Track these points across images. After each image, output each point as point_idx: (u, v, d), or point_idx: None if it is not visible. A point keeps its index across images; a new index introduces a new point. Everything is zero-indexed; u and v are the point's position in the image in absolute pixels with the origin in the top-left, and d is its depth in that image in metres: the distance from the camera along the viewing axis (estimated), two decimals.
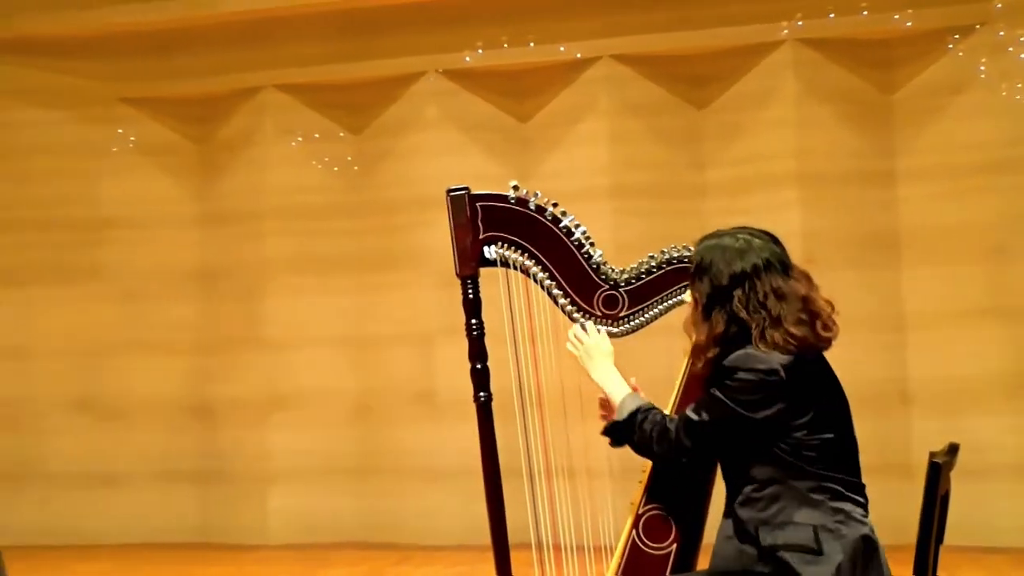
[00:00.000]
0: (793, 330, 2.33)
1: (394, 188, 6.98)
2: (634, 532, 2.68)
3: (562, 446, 2.82)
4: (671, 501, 2.68)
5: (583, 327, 2.69)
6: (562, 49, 6.85)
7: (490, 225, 2.80)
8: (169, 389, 7.17)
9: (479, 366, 2.82)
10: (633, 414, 2.51)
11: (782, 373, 2.30)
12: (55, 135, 7.26)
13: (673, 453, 2.43)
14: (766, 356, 2.32)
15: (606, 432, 2.58)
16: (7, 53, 7.25)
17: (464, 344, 6.34)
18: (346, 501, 6.93)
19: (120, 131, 7.34)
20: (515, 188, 2.80)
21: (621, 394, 2.57)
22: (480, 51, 6.94)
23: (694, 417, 2.39)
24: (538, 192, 2.80)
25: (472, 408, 6.69)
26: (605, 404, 2.69)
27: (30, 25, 7.21)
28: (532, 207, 2.78)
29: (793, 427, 2.31)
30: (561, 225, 2.77)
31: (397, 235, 6.93)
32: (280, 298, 7.06)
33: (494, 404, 2.81)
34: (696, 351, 2.46)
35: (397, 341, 6.91)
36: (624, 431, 2.52)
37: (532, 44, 6.88)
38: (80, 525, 7.06)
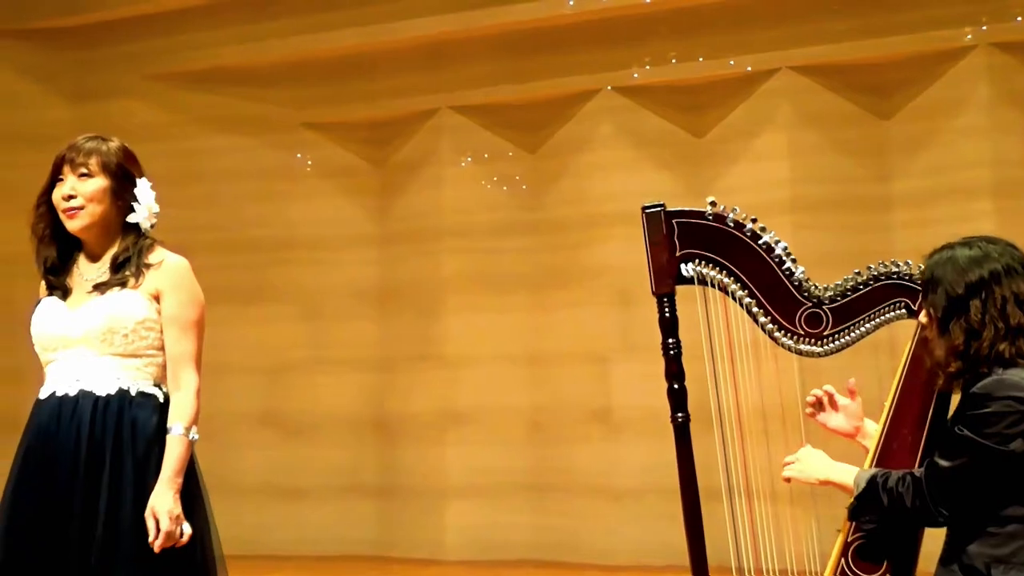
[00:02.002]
0: None
1: (569, 206, 6.99)
2: (842, 560, 2.56)
3: (763, 467, 2.74)
4: (882, 528, 2.56)
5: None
6: (732, 63, 6.74)
7: (687, 242, 2.74)
8: (350, 405, 7.35)
9: (676, 386, 2.76)
10: (872, 478, 2.40)
11: None
12: (242, 160, 7.56)
13: (929, 506, 2.29)
14: (1019, 381, 2.18)
15: (853, 512, 2.47)
16: (199, 83, 7.61)
17: (640, 362, 6.27)
18: (522, 518, 6.94)
19: (303, 155, 7.60)
20: (712, 204, 2.74)
21: (851, 473, 2.47)
22: (648, 67, 6.89)
23: (943, 464, 2.25)
24: (736, 207, 2.73)
25: (649, 427, 6.62)
26: (817, 404, 2.65)
27: (218, 56, 7.56)
28: (730, 223, 2.71)
29: None
30: (761, 241, 2.69)
31: (572, 253, 6.93)
32: (456, 316, 7.15)
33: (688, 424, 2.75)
34: (936, 368, 2.34)
35: (572, 359, 6.90)
36: (870, 499, 2.40)
37: (701, 59, 6.80)
38: (265, 536, 7.29)
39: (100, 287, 2.59)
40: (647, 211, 2.80)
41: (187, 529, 2.46)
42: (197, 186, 7.53)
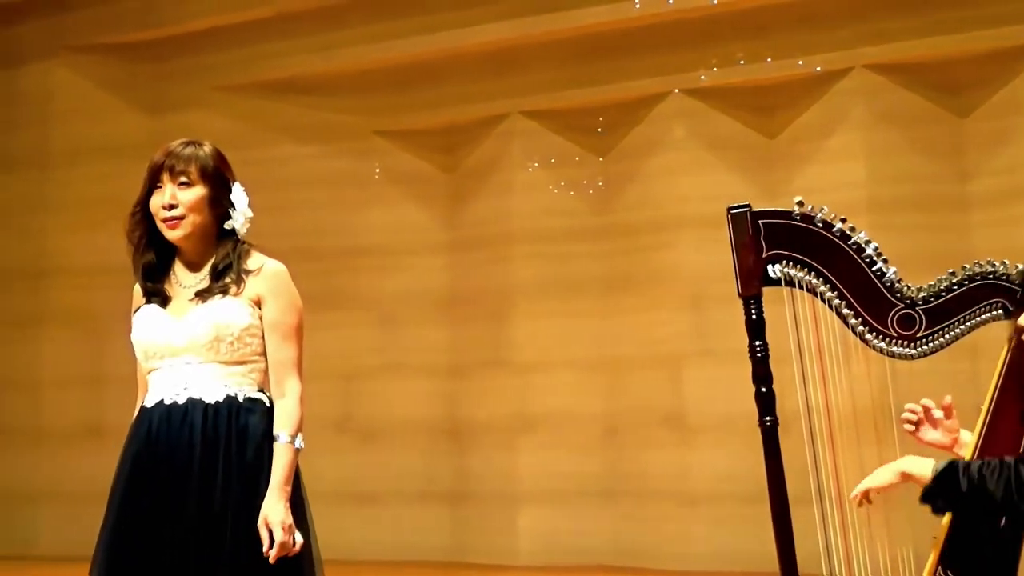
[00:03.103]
0: None
1: (640, 209, 6.96)
2: (939, 569, 2.50)
3: (855, 472, 2.68)
4: (981, 536, 2.49)
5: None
6: (800, 63, 6.66)
7: (773, 243, 2.69)
8: (422, 411, 7.38)
9: (764, 389, 2.71)
10: (953, 462, 2.34)
11: None
12: (314, 168, 7.64)
13: (1013, 493, 2.24)
14: None
15: (926, 494, 2.39)
16: (271, 93, 7.72)
17: (714, 366, 6.20)
18: (595, 524, 6.91)
19: (373, 163, 7.66)
20: (800, 204, 2.69)
21: (930, 464, 2.40)
22: (715, 69, 6.84)
23: None
24: (824, 207, 2.68)
25: (724, 431, 6.56)
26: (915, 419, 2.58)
27: (290, 66, 7.66)
28: (819, 223, 2.66)
29: None
30: (851, 241, 2.64)
31: (643, 256, 6.90)
32: (527, 321, 7.15)
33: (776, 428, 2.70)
34: None
35: (644, 363, 6.86)
36: (948, 481, 2.34)
37: (769, 60, 6.72)
38: (339, 541, 7.26)
39: (202, 294, 2.59)
40: (732, 212, 2.76)
41: (299, 538, 2.47)
42: (270, 194, 7.53)
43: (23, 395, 7.98)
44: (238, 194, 2.66)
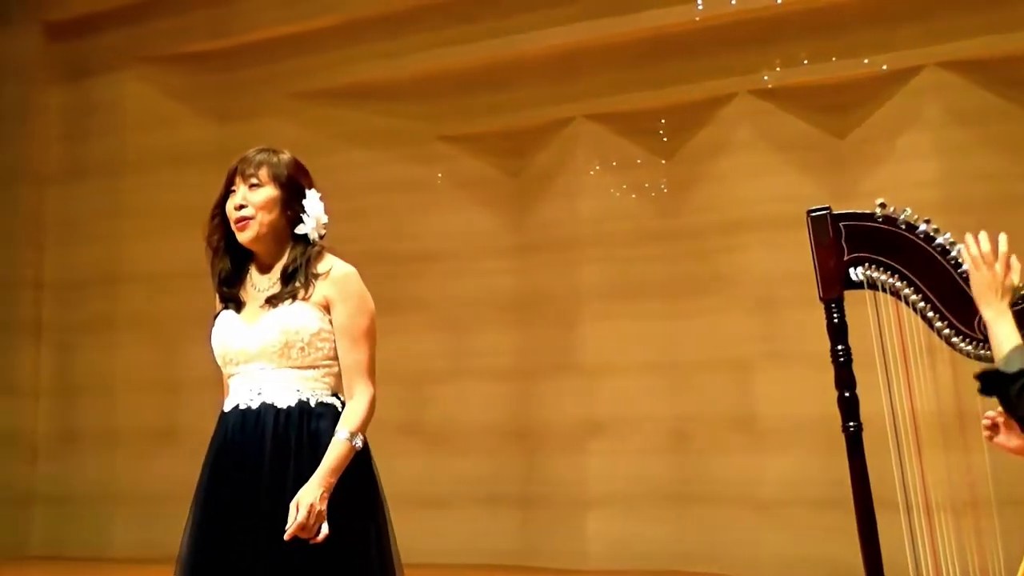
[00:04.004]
0: None
1: (707, 212, 6.91)
2: None
3: (942, 478, 2.63)
4: None
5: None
6: (866, 62, 6.57)
7: (855, 245, 2.66)
8: (490, 414, 7.39)
9: (847, 394, 2.67)
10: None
11: None
12: (380, 174, 7.70)
13: None
14: None
15: (981, 377, 2.33)
16: (337, 99, 7.80)
17: (784, 369, 6.10)
18: (665, 528, 6.86)
19: (439, 168, 7.69)
20: (882, 206, 2.65)
21: (1010, 343, 2.31)
22: (778, 69, 6.77)
23: None
24: (907, 208, 2.64)
25: (795, 436, 6.46)
26: (993, 427, 2.50)
27: (355, 73, 7.74)
28: (901, 224, 2.62)
29: None
30: (935, 243, 2.59)
31: (710, 259, 6.84)
32: (594, 325, 7.13)
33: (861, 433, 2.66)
34: None
35: (713, 367, 6.80)
36: (1006, 381, 2.26)
37: (834, 59, 6.64)
38: (408, 545, 7.31)
39: (272, 300, 2.61)
40: (812, 215, 2.73)
41: (324, 529, 2.45)
42: (336, 200, 7.60)
43: (98, 399, 8.14)
44: (312, 200, 2.68)
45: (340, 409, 2.62)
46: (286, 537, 2.42)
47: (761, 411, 6.60)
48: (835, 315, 2.69)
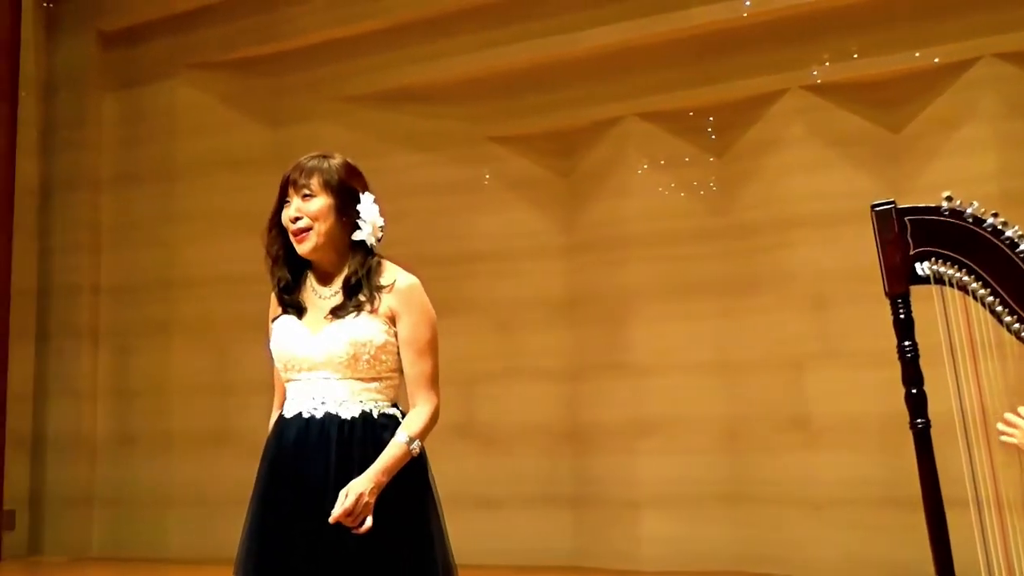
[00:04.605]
0: None
1: (759, 209, 6.85)
2: None
3: (1014, 476, 2.58)
4: None
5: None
6: (917, 55, 6.48)
7: (921, 240, 2.63)
8: (542, 415, 7.38)
9: (914, 391, 2.65)
10: None
11: None
12: (430, 175, 7.72)
13: None
14: None
15: None
16: (385, 102, 7.83)
17: (839, 368, 6.02)
18: (719, 529, 6.81)
19: (489, 168, 7.70)
20: (948, 199, 2.63)
21: None
22: (827, 64, 6.70)
23: None
24: (975, 202, 2.61)
25: (850, 435, 6.38)
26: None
27: (403, 76, 7.76)
28: (969, 218, 2.60)
29: None
30: (1003, 237, 2.57)
31: (764, 257, 6.78)
32: (646, 324, 7.10)
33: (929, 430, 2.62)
34: None
35: (766, 366, 6.74)
36: None
37: (885, 54, 6.56)
38: (460, 546, 7.30)
39: (337, 311, 2.62)
40: (877, 209, 2.70)
41: (368, 522, 2.46)
42: (387, 202, 7.68)
43: (152, 402, 8.24)
44: (367, 204, 2.68)
45: (401, 420, 2.63)
46: (331, 520, 2.44)
47: (815, 410, 6.53)
48: (901, 311, 2.67)
